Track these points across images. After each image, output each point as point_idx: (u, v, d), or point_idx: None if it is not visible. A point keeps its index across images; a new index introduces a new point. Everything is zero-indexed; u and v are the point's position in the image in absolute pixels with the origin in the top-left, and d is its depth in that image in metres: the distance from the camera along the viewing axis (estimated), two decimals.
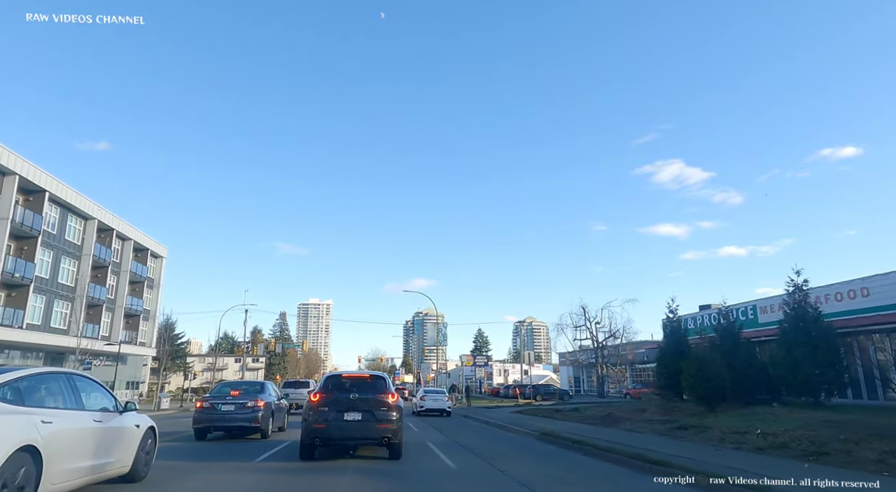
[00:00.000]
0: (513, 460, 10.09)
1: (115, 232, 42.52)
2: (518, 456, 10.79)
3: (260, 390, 14.52)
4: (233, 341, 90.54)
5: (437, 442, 13.33)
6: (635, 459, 9.09)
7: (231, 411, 13.32)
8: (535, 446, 12.74)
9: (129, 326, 46.86)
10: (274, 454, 10.79)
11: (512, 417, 22.65)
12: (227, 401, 13.51)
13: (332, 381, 10.81)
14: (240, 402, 13.48)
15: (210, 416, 13.36)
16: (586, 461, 10.06)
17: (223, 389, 14.74)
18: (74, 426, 5.56)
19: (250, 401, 13.48)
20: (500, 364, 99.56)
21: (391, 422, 9.87)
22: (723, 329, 18.18)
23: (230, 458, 10.21)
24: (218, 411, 13.34)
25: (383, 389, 10.37)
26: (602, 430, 15.06)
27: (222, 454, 10.79)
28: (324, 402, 9.95)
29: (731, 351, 17.65)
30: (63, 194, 35.27)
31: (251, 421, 13.37)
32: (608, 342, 43.21)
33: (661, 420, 15.79)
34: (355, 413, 9.69)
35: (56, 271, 35.92)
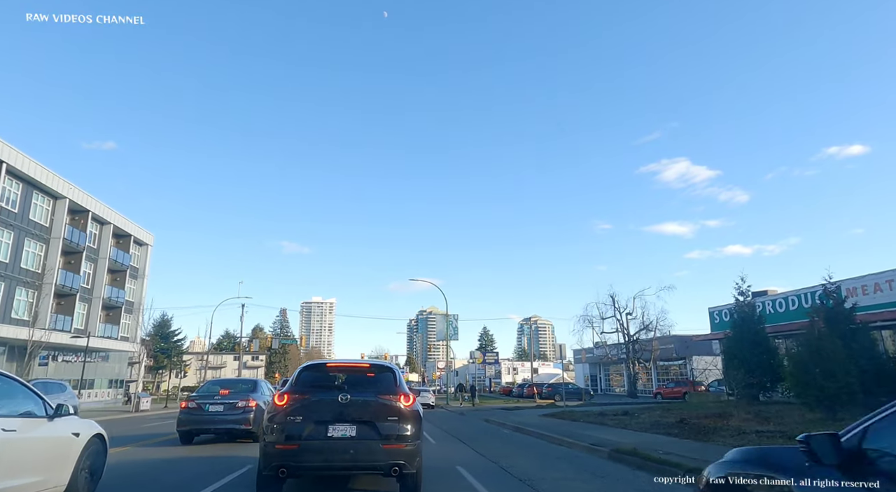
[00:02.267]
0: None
1: (90, 214, 38.35)
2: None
3: (252, 389, 13.18)
4: (234, 339, 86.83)
5: (470, 464, 9.12)
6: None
7: (220, 412, 12.05)
8: (615, 472, 8.50)
9: (109, 319, 42.71)
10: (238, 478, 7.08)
11: (545, 422, 18.41)
12: (215, 401, 12.23)
13: (312, 373, 6.73)
14: (229, 402, 12.20)
15: (196, 417, 12.04)
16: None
17: (212, 387, 13.46)
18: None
19: (241, 401, 12.16)
20: (507, 362, 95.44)
21: (404, 440, 5.95)
22: (831, 312, 13.84)
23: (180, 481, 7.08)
24: (205, 411, 12.05)
25: (392, 387, 6.35)
26: (696, 445, 10.80)
27: (179, 469, 8.00)
28: (296, 407, 6.01)
29: (846, 340, 13.29)
30: (25, 167, 31.10)
31: (242, 423, 11.87)
32: (640, 336, 38.73)
33: (769, 432, 11.53)
34: (347, 426, 5.88)
35: (17, 255, 31.78)
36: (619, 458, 9.60)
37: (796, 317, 21.15)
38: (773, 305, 22.41)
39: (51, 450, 5.30)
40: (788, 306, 21.87)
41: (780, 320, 21.87)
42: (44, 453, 5.19)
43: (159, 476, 7.98)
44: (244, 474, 7.86)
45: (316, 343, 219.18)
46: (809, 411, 13.37)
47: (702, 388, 35.26)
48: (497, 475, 8.15)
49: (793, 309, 21.92)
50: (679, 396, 36.20)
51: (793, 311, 21.78)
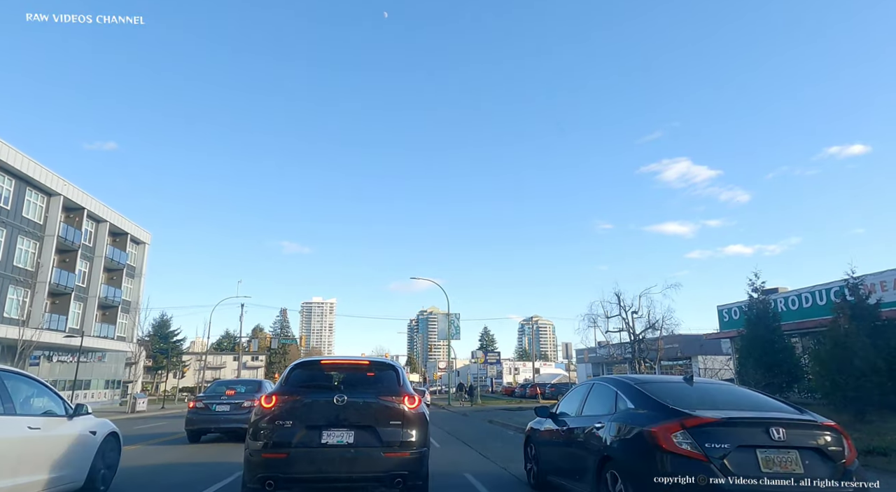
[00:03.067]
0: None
1: (85, 212, 37.66)
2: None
3: (257, 389, 13.45)
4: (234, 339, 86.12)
5: (479, 471, 8.41)
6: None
7: (226, 412, 12.52)
8: None
9: (105, 319, 42.05)
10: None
11: None
12: (222, 401, 12.74)
13: (304, 372, 6.07)
14: (235, 402, 12.67)
15: (204, 417, 12.55)
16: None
17: (218, 388, 14.00)
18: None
19: (246, 401, 12.53)
20: (508, 363, 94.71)
21: (409, 447, 5.30)
22: (856, 309, 13.08)
23: None
24: (212, 411, 12.56)
25: (394, 387, 5.69)
26: None
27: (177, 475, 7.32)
28: (285, 409, 5.36)
29: (873, 338, 12.53)
30: (18, 163, 30.43)
31: (246, 422, 10.36)
32: (646, 335, 37.87)
33: None
34: (343, 431, 5.23)
35: (10, 253, 31.11)
36: None
37: (811, 314, 20.39)
38: (785, 302, 21.65)
39: (71, 447, 5.57)
40: (802, 304, 21.11)
41: (794, 318, 21.13)
42: (64, 450, 5.45)
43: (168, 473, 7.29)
44: (231, 482, 7.18)
45: (316, 343, 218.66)
46: (836, 414, 12.61)
47: None
48: (511, 486, 7.44)
49: (807, 306, 21.17)
50: None
51: (807, 308, 21.03)
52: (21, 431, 4.84)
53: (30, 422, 5.01)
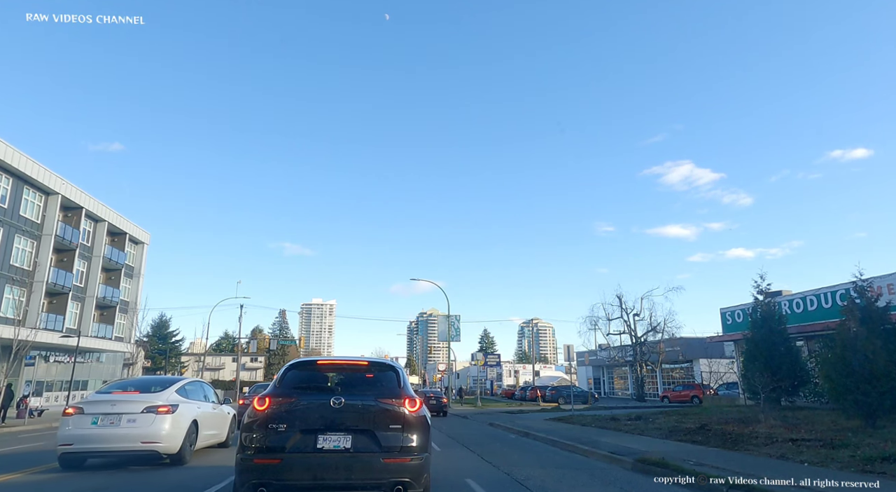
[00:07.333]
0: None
1: (84, 211, 37.37)
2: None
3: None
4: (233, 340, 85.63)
5: (481, 476, 8.13)
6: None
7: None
8: (647, 486, 7.52)
9: (103, 319, 41.72)
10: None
11: (553, 426, 17.44)
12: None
13: (299, 372, 5.81)
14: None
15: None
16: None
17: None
18: (207, 411, 10.11)
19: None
20: (508, 365, 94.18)
21: (410, 452, 5.06)
22: (865, 311, 12.77)
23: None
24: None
25: (395, 389, 5.44)
26: (727, 455, 9.82)
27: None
28: (279, 412, 5.11)
29: (884, 341, 12.22)
30: (15, 162, 30.15)
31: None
32: (648, 337, 37.65)
33: (805, 440, 10.52)
34: (340, 435, 5.01)
35: (7, 252, 30.83)
36: (646, 469, 8.61)
37: (817, 317, 20.16)
38: (790, 305, 21.37)
39: (223, 420, 11.30)
40: (807, 306, 20.83)
41: (799, 321, 20.86)
42: (221, 421, 11.17)
43: None
44: (222, 489, 6.91)
45: (316, 345, 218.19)
46: (846, 419, 12.35)
47: (710, 391, 34.23)
48: (513, 491, 7.17)
49: (812, 309, 20.90)
50: (687, 399, 35.15)
51: (812, 311, 20.76)
52: (211, 409, 10.52)
53: (212, 406, 10.71)
